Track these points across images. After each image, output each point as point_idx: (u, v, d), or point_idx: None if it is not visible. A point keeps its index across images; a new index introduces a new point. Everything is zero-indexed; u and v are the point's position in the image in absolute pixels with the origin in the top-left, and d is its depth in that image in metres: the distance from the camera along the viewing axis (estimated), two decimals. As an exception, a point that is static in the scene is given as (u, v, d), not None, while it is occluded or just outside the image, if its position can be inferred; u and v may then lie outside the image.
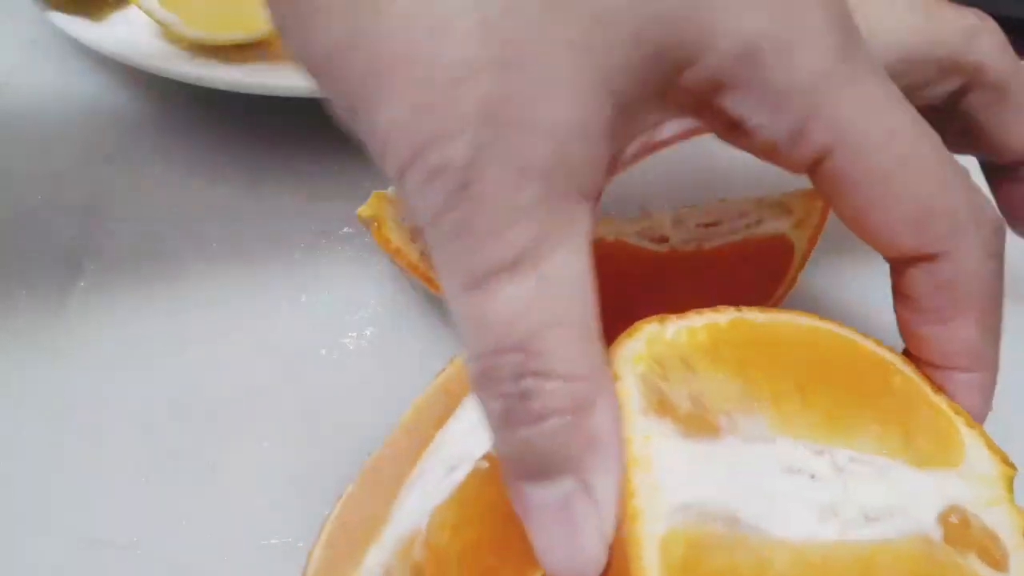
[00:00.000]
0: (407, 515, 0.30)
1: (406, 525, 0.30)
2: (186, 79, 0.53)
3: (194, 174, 0.54)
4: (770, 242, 0.43)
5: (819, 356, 0.28)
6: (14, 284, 0.47)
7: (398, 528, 0.30)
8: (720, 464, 0.23)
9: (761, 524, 0.23)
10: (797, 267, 0.44)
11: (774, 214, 0.43)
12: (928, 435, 0.27)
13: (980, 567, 0.24)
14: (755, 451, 0.24)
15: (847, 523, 0.24)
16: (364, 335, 0.46)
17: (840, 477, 0.25)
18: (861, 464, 0.25)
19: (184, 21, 0.53)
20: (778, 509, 0.23)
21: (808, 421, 0.25)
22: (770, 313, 0.28)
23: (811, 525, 0.23)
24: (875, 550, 0.24)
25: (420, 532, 0.30)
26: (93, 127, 0.57)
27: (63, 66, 0.61)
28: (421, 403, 0.37)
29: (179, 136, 0.56)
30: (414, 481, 0.32)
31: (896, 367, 0.29)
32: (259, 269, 0.48)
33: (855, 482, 0.25)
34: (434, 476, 0.31)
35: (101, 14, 0.57)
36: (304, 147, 0.56)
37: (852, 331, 0.30)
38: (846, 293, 0.49)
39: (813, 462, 0.25)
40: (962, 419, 0.28)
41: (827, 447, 0.25)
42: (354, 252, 0.50)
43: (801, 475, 0.24)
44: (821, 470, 0.25)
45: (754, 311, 0.28)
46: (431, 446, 0.33)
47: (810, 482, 0.24)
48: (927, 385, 0.29)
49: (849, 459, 0.25)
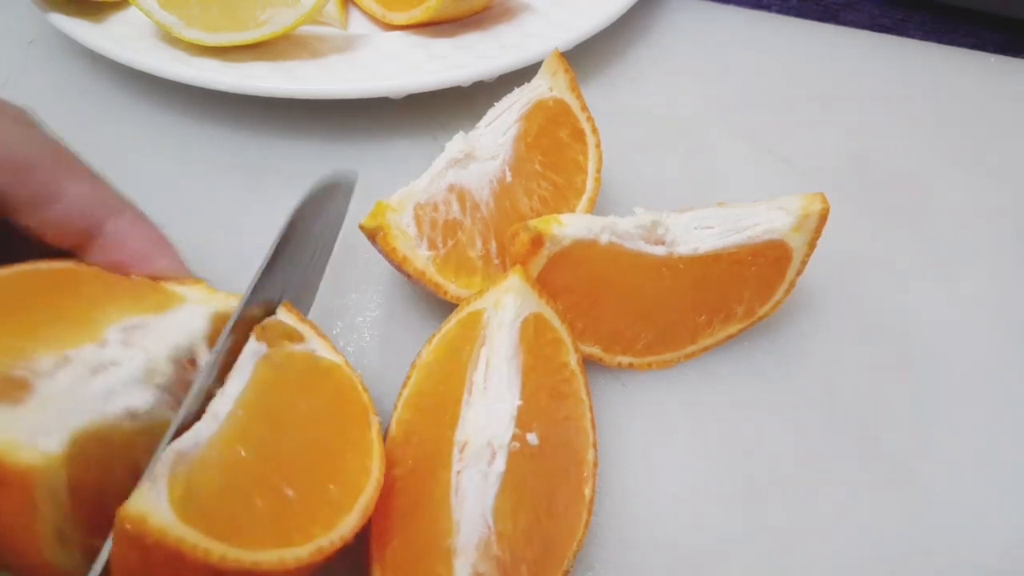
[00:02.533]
0: (470, 519, 0.32)
1: (474, 530, 0.32)
2: (185, 80, 0.53)
3: (193, 174, 0.54)
4: (768, 246, 0.43)
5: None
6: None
7: (469, 536, 0.32)
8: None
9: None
10: (796, 271, 0.44)
11: (772, 218, 0.43)
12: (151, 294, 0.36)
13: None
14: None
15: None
16: (365, 340, 0.46)
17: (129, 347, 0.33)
18: (130, 332, 0.33)
19: (183, 22, 0.53)
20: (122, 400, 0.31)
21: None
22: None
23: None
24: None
25: (489, 528, 0.32)
26: (92, 127, 0.57)
27: (62, 67, 0.61)
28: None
29: (178, 137, 0.56)
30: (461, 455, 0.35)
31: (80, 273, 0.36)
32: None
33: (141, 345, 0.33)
34: (478, 471, 0.34)
35: (100, 15, 0.57)
36: (303, 147, 0.56)
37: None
38: (847, 296, 0.50)
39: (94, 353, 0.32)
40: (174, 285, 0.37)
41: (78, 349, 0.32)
42: (355, 255, 0.50)
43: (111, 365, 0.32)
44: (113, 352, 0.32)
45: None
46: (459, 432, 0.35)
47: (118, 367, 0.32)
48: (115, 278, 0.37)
49: (119, 331, 0.33)
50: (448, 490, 0.33)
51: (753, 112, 0.61)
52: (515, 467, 0.34)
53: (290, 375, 0.34)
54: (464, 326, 0.39)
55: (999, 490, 0.42)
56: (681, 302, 0.43)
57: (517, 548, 0.33)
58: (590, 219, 0.41)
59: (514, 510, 0.34)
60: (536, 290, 0.39)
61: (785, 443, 0.43)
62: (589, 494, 0.38)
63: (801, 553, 0.40)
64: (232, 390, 0.32)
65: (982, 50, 0.68)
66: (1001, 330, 0.49)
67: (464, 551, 0.32)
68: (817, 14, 0.71)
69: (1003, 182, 0.58)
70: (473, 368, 0.37)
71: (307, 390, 0.34)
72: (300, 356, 0.36)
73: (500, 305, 0.38)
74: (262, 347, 0.34)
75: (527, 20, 0.60)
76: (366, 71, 0.54)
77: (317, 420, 0.33)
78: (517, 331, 0.37)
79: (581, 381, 0.40)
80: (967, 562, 0.40)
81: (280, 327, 0.36)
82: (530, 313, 0.38)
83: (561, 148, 0.47)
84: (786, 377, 0.46)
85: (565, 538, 0.36)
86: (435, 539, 0.33)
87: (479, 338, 0.37)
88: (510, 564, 0.33)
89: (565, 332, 0.40)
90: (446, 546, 0.32)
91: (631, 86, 0.62)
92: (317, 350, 0.36)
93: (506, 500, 0.33)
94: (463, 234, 0.43)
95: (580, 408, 0.39)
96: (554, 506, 0.36)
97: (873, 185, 0.57)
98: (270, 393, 0.33)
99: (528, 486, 0.35)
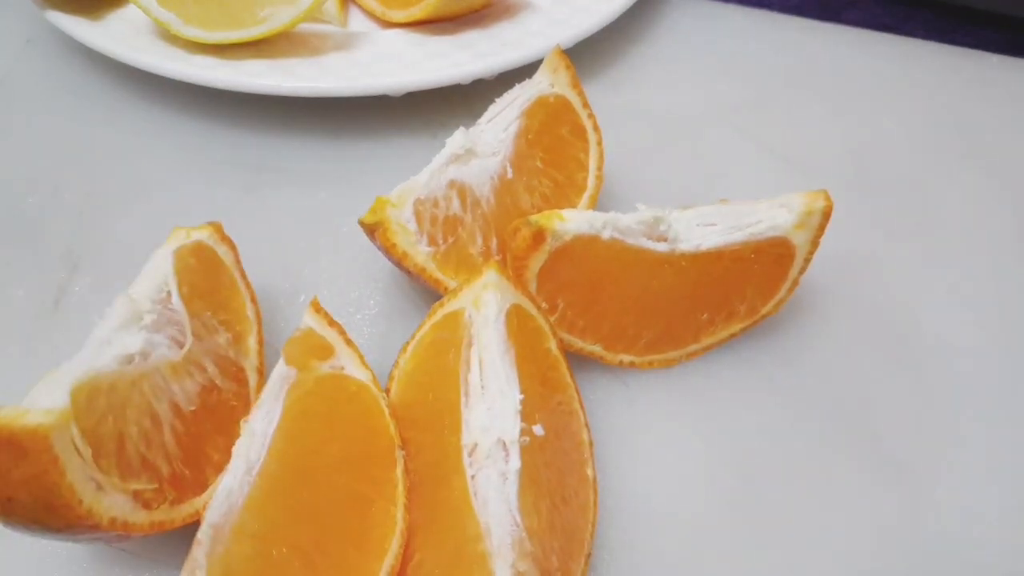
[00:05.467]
0: (498, 520, 0.33)
1: (505, 530, 0.32)
2: (183, 78, 0.52)
3: (192, 173, 0.54)
4: (771, 243, 0.43)
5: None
6: (11, 282, 0.47)
7: (501, 537, 0.32)
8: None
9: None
10: (799, 269, 0.44)
11: (775, 215, 0.43)
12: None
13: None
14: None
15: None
16: (365, 337, 0.46)
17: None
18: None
19: (182, 20, 0.52)
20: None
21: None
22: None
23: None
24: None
25: (519, 526, 0.32)
26: (90, 125, 0.56)
27: (60, 64, 0.60)
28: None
29: (176, 135, 0.56)
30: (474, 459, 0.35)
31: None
32: (259, 269, 0.48)
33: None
34: (495, 471, 0.34)
35: (98, 13, 0.57)
36: (303, 147, 0.56)
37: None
38: (849, 296, 0.50)
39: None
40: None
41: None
42: (355, 253, 0.49)
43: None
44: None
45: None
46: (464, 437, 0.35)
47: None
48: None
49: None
50: (467, 495, 0.33)
51: (754, 110, 0.60)
52: (528, 461, 0.34)
53: (319, 408, 0.35)
54: (441, 329, 0.39)
55: (999, 490, 0.42)
56: (683, 300, 0.43)
57: (545, 540, 0.33)
58: (592, 215, 0.41)
59: (535, 504, 0.34)
60: (511, 281, 0.39)
61: (787, 442, 0.43)
62: (592, 474, 0.38)
63: (801, 552, 0.39)
64: (262, 427, 0.34)
65: (983, 49, 0.68)
66: (1002, 329, 0.49)
67: (500, 553, 0.31)
68: (818, 12, 0.71)
69: (1004, 181, 0.57)
70: (465, 370, 0.36)
71: (335, 426, 0.35)
72: (329, 381, 0.36)
73: (481, 302, 0.37)
74: (291, 372, 0.35)
75: (528, 18, 0.60)
76: (365, 69, 0.54)
77: (346, 465, 0.34)
78: (503, 325, 0.37)
79: (564, 365, 0.40)
80: (967, 562, 0.39)
81: (309, 341, 0.37)
82: (511, 305, 0.38)
83: (562, 145, 0.47)
84: (788, 377, 0.45)
85: (581, 522, 0.36)
86: (464, 546, 0.32)
87: (463, 339, 0.37)
88: (543, 557, 0.33)
89: (542, 319, 0.40)
90: (479, 551, 0.32)
91: (632, 84, 0.62)
92: (346, 367, 0.37)
93: (527, 495, 0.33)
94: (463, 230, 0.43)
95: (568, 391, 0.40)
96: (566, 492, 0.36)
97: (874, 184, 0.56)
98: (300, 436, 0.34)
99: (542, 477, 0.35)
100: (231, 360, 0.38)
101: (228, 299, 0.40)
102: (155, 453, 0.33)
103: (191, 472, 0.34)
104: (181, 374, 0.35)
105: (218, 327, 0.38)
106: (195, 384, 0.36)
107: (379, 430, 0.36)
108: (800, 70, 0.64)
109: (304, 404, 0.35)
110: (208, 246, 0.41)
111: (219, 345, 0.38)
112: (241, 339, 0.39)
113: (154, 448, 0.33)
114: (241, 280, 0.42)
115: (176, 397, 0.35)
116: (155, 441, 0.33)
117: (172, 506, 0.33)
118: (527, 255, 0.40)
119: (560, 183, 0.46)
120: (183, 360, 0.35)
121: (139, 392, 0.33)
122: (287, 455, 0.33)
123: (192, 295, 0.38)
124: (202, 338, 0.37)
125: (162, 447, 0.33)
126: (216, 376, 0.37)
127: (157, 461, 0.33)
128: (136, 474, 0.32)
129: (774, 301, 0.45)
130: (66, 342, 0.45)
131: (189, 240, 0.40)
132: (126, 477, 0.31)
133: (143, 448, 0.32)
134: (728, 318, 0.44)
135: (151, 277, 0.37)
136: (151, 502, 0.32)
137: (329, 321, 0.38)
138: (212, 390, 0.36)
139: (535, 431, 0.35)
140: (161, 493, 0.33)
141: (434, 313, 0.40)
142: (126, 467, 0.32)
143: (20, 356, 0.44)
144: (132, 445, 0.32)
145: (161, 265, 0.38)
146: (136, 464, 0.32)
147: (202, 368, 0.36)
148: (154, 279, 0.37)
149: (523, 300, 0.39)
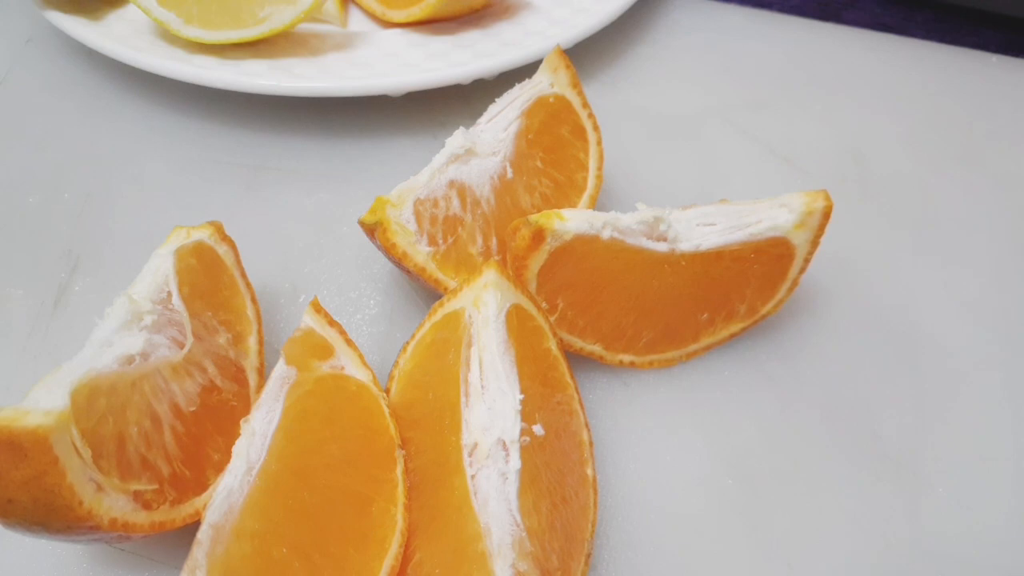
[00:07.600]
0: (498, 520, 0.33)
1: (505, 530, 0.32)
2: (183, 78, 0.52)
3: (192, 173, 0.54)
4: (771, 243, 0.43)
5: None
6: (11, 282, 0.47)
7: (501, 537, 0.32)
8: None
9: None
10: (799, 268, 0.44)
11: (775, 215, 0.43)
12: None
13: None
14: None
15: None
16: (364, 336, 0.46)
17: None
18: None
19: (182, 20, 0.52)
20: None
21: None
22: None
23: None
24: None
25: (519, 526, 0.32)
26: (90, 125, 0.56)
27: (60, 64, 0.60)
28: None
29: (176, 134, 0.56)
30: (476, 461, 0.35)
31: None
32: (259, 269, 0.48)
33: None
34: (495, 471, 0.34)
35: (98, 12, 0.57)
36: (303, 147, 0.56)
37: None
38: (849, 296, 0.50)
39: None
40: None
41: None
42: (355, 253, 0.49)
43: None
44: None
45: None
46: (464, 437, 0.35)
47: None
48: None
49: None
50: (467, 495, 0.33)
51: (754, 111, 0.60)
52: (528, 460, 0.34)
53: (319, 408, 0.35)
54: (441, 329, 0.39)
55: (999, 490, 0.42)
56: (683, 299, 0.43)
57: (545, 540, 0.33)
58: (592, 214, 0.41)
59: (535, 503, 0.34)
60: (511, 281, 0.39)
61: (787, 441, 0.43)
62: (592, 474, 0.38)
63: (801, 552, 0.39)
64: (262, 427, 0.34)
65: (984, 49, 0.68)
66: (1002, 328, 0.49)
67: (500, 553, 0.31)
68: (818, 12, 0.71)
69: (1003, 181, 0.57)
70: (466, 369, 0.36)
71: (335, 426, 0.35)
72: (329, 380, 0.36)
73: (481, 302, 0.37)
74: (291, 372, 0.35)
75: (527, 18, 0.60)
76: (365, 69, 0.54)
77: (346, 464, 0.34)
78: (503, 325, 0.37)
79: (564, 365, 0.40)
80: (967, 562, 0.39)
81: (309, 341, 0.37)
82: (511, 305, 0.38)
83: (562, 145, 0.47)
84: (788, 376, 0.45)
85: (581, 521, 0.36)
86: (464, 546, 0.32)
87: (463, 339, 0.37)
88: (543, 557, 0.33)
89: (542, 319, 0.40)
90: (479, 551, 0.32)
91: (632, 84, 0.62)
92: (346, 367, 0.37)
93: (528, 495, 0.33)
94: (464, 230, 0.43)
95: (568, 391, 0.40)
96: (566, 491, 0.36)
97: (874, 184, 0.56)
98: (300, 436, 0.34)
99: (542, 477, 0.35)
100: (231, 360, 0.38)
101: (228, 299, 0.40)
102: (155, 454, 0.33)
103: (191, 472, 0.34)
104: (181, 374, 0.35)
105: (218, 327, 0.38)
106: (195, 384, 0.36)
107: (379, 430, 0.36)
108: (800, 70, 0.64)
109: (304, 404, 0.35)
110: (209, 246, 0.41)
111: (219, 345, 0.38)
112: (241, 339, 0.39)
113: (154, 449, 0.33)
114: (241, 280, 0.42)
115: (176, 398, 0.35)
116: (155, 442, 0.33)
117: (172, 506, 0.33)
118: (527, 255, 0.40)
119: (560, 183, 0.46)
120: (183, 361, 0.35)
121: (139, 393, 0.33)
122: (287, 455, 0.33)
123: (193, 295, 0.38)
124: (202, 338, 0.37)
125: (162, 447, 0.33)
126: (216, 376, 0.37)
127: (157, 462, 0.33)
128: (136, 475, 0.32)
129: (774, 301, 0.45)
130: (66, 342, 0.45)
131: (189, 240, 0.40)
132: (126, 478, 0.31)
133: (143, 449, 0.32)
134: (728, 318, 0.44)
135: (152, 277, 0.37)
136: (151, 502, 0.32)
137: (329, 321, 0.38)
138: (212, 390, 0.36)
139: (535, 431, 0.35)
140: (161, 493, 0.33)
141: (434, 313, 0.40)
142: (126, 468, 0.31)
143: (20, 356, 0.44)
144: (132, 446, 0.32)
145: (162, 265, 0.38)
146: (136, 465, 0.32)
147: (202, 368, 0.36)
148: (155, 279, 0.37)
149: (523, 300, 0.39)
